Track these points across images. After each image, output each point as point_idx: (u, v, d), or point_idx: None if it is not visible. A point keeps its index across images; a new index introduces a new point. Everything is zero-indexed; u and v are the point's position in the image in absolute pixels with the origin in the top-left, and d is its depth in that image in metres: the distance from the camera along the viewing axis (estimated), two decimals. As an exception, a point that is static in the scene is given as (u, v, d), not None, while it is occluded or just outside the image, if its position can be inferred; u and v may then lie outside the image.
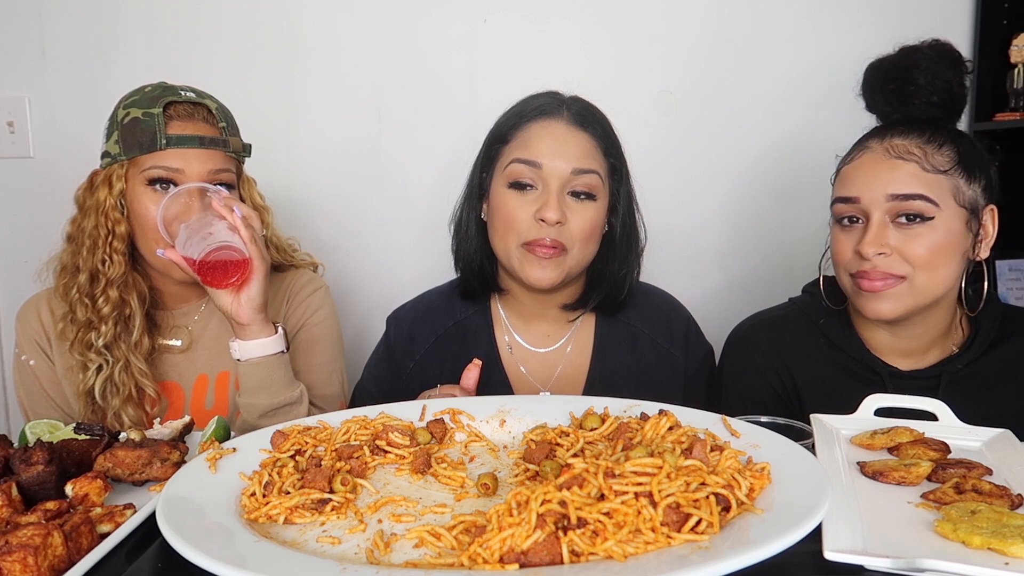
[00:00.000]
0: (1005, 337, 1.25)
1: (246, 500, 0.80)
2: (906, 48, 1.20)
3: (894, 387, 1.24)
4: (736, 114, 2.02)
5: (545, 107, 1.29)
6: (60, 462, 0.86)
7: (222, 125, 1.36)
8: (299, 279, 1.52)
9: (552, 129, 1.27)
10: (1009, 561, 0.64)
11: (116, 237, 1.34)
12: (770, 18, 1.99)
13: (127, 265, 1.36)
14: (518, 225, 1.26)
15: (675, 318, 1.44)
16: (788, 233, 2.03)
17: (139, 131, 1.30)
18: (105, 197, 1.33)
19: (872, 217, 1.16)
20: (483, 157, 1.36)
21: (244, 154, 1.42)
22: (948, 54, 1.19)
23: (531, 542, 0.63)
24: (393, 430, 0.97)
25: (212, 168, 1.32)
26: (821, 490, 0.70)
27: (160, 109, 1.30)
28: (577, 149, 1.26)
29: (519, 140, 1.28)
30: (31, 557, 0.65)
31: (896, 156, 1.16)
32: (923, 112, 1.20)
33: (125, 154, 1.32)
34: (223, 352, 1.44)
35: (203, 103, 1.36)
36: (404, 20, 2.03)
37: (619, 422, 0.94)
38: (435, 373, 1.35)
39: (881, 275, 1.16)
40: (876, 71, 1.23)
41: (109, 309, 1.34)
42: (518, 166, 1.26)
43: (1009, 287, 1.95)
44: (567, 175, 1.25)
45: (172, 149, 1.30)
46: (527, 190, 1.26)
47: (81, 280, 1.35)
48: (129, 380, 1.35)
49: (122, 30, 2.06)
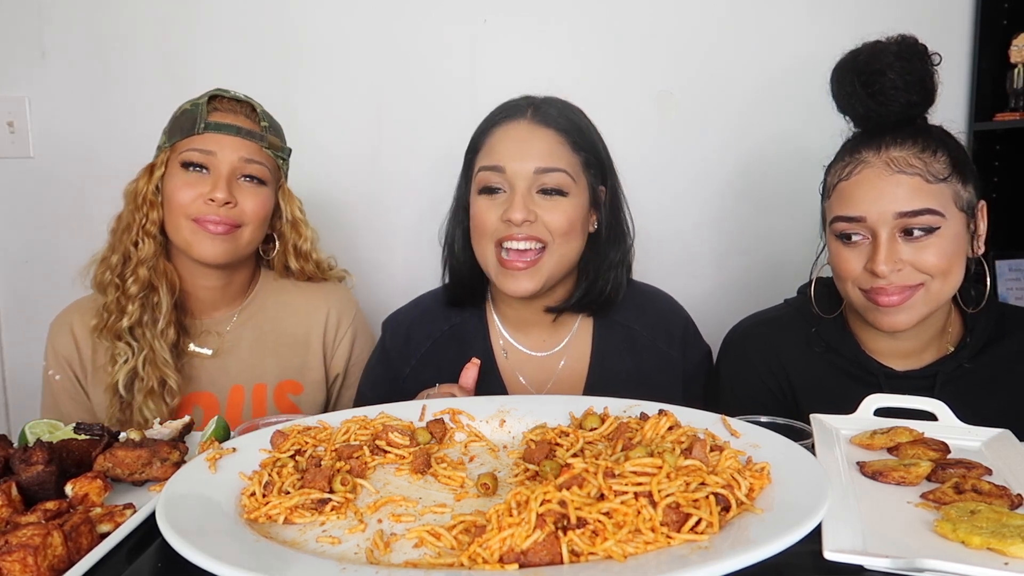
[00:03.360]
0: (1001, 336, 1.25)
1: (246, 500, 0.80)
2: (874, 47, 1.18)
3: (889, 387, 1.24)
4: (734, 114, 2.02)
5: (509, 110, 1.30)
6: (60, 462, 0.86)
7: (264, 124, 1.41)
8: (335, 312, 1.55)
9: (514, 131, 1.27)
10: (1009, 561, 0.64)
11: (149, 220, 1.39)
12: (767, 17, 1.99)
13: (158, 249, 1.40)
14: (488, 227, 1.27)
15: (673, 319, 1.43)
16: (786, 233, 2.03)
17: (184, 118, 1.38)
18: (144, 185, 1.39)
19: (880, 235, 1.14)
20: (463, 169, 1.36)
21: (282, 155, 1.46)
22: (915, 48, 1.17)
23: (531, 542, 0.63)
24: (393, 430, 0.97)
25: (244, 155, 1.38)
26: (821, 490, 0.70)
27: (205, 100, 1.39)
28: (540, 148, 1.26)
29: (486, 147, 1.30)
30: (31, 557, 0.65)
31: (898, 170, 1.14)
32: (901, 110, 1.18)
33: (168, 141, 1.39)
34: (258, 363, 1.48)
35: (248, 102, 1.43)
36: (404, 21, 2.03)
37: (619, 422, 0.94)
38: (432, 377, 1.34)
39: (898, 289, 1.15)
40: (848, 72, 1.20)
41: (136, 289, 1.37)
42: (485, 173, 1.27)
43: (1009, 287, 1.95)
44: (531, 175, 1.25)
45: (209, 134, 1.36)
46: (496, 194, 1.27)
47: (113, 261, 1.39)
48: (153, 372, 1.37)
49: (122, 30, 2.06)
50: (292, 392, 1.51)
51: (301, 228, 1.51)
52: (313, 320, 1.53)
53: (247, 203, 1.39)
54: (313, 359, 1.53)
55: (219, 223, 1.36)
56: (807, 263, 1.35)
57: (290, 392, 1.51)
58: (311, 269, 1.54)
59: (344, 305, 1.56)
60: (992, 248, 1.23)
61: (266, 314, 1.52)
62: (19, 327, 2.21)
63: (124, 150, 2.08)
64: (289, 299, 1.53)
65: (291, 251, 1.51)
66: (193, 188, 1.36)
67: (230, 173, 1.37)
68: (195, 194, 1.36)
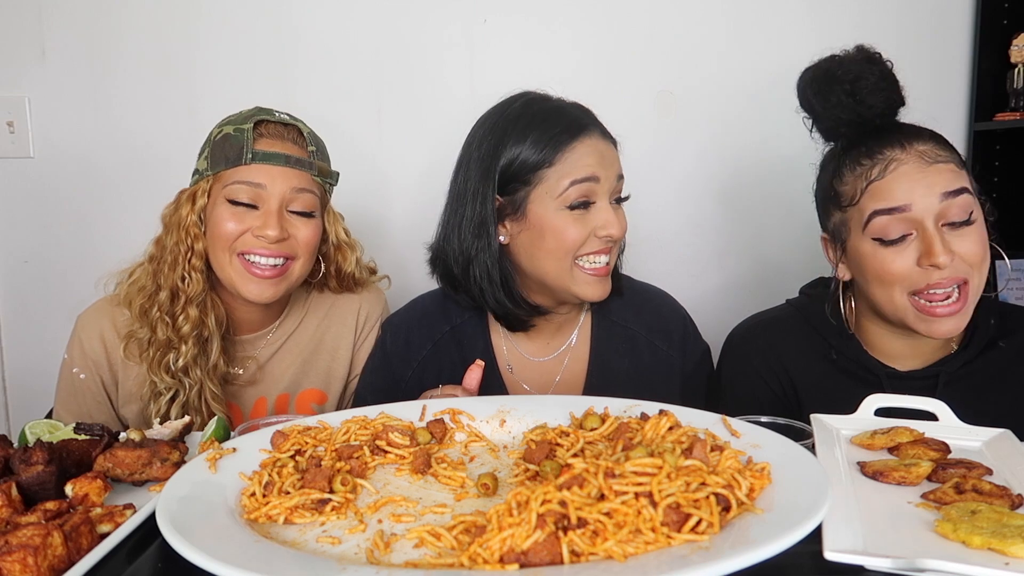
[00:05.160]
0: (1002, 336, 1.25)
1: (246, 500, 0.80)
2: (842, 58, 1.20)
3: (891, 387, 1.24)
4: (734, 114, 2.02)
5: (580, 123, 1.26)
6: (60, 462, 0.86)
7: (311, 149, 1.36)
8: (365, 309, 1.54)
9: (594, 145, 1.26)
10: (1009, 561, 0.64)
11: (195, 254, 1.33)
12: (768, 18, 1.99)
13: (205, 283, 1.35)
14: (577, 243, 1.24)
15: (671, 317, 1.43)
16: (785, 233, 2.03)
17: (228, 146, 1.30)
18: (187, 213, 1.33)
19: (927, 226, 1.14)
20: (500, 183, 1.27)
21: (331, 180, 1.41)
22: (873, 53, 1.20)
23: (531, 542, 0.63)
24: (393, 430, 0.97)
25: (295, 186, 1.32)
26: (821, 490, 0.70)
27: (251, 125, 1.31)
28: (614, 159, 1.29)
29: (569, 161, 1.24)
30: (31, 557, 0.65)
31: (933, 160, 1.15)
32: (883, 111, 1.20)
33: (212, 169, 1.32)
34: (282, 375, 1.46)
35: (295, 125, 1.36)
36: (404, 20, 2.03)
37: (619, 422, 0.94)
38: (433, 379, 1.34)
39: (951, 281, 1.14)
40: (828, 81, 1.20)
41: (189, 328, 1.32)
42: (582, 186, 1.23)
43: (1009, 287, 1.95)
44: (614, 184, 1.27)
45: (257, 164, 1.29)
46: (589, 208, 1.25)
47: (162, 298, 1.33)
48: (203, 406, 1.34)
49: (122, 30, 2.06)
50: (316, 402, 1.49)
51: (346, 251, 1.47)
52: (344, 326, 1.51)
53: (299, 234, 1.33)
54: (339, 367, 1.51)
55: (268, 256, 1.31)
56: (807, 263, 1.35)
57: (314, 402, 1.49)
58: (350, 284, 1.52)
59: (373, 305, 1.54)
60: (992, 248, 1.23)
61: (299, 329, 1.49)
62: (19, 327, 2.21)
63: (124, 150, 2.09)
64: (320, 310, 1.51)
65: (333, 273, 1.48)
66: (241, 222, 1.30)
67: (280, 206, 1.31)
68: (242, 228, 1.30)
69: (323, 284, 1.51)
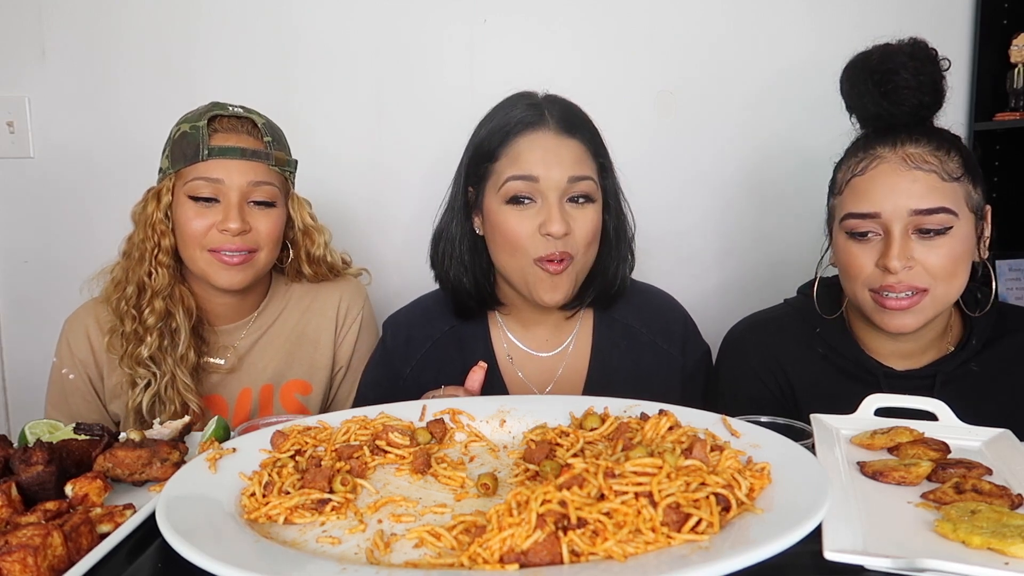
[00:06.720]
0: (1001, 336, 1.25)
1: (246, 500, 0.80)
2: (887, 48, 1.18)
3: (889, 387, 1.24)
4: (734, 114, 2.02)
5: (528, 118, 1.26)
6: (60, 462, 0.86)
7: (267, 139, 1.38)
8: (346, 301, 1.56)
9: (541, 140, 1.25)
10: (1009, 561, 0.64)
11: (162, 250, 1.37)
12: (768, 18, 1.98)
13: (173, 277, 1.39)
14: (524, 241, 1.24)
15: (672, 317, 1.44)
16: (786, 233, 2.03)
17: (185, 143, 1.34)
18: (153, 211, 1.37)
19: (893, 231, 1.14)
20: (469, 173, 1.32)
21: (289, 168, 1.43)
22: (927, 51, 1.17)
23: (531, 542, 0.63)
24: (393, 430, 0.97)
25: (253, 179, 1.35)
26: (821, 490, 0.70)
27: (205, 122, 1.34)
28: (569, 156, 1.25)
29: (509, 156, 1.25)
30: (31, 557, 0.65)
31: (914, 166, 1.14)
32: (912, 111, 1.18)
33: (172, 167, 1.36)
34: (266, 366, 1.48)
35: (249, 117, 1.39)
36: (404, 20, 2.03)
37: (619, 422, 0.94)
38: (432, 377, 1.34)
39: (906, 287, 1.14)
40: (861, 71, 1.19)
41: (154, 320, 1.36)
42: (514, 183, 1.24)
43: (1009, 287, 1.96)
44: (563, 184, 1.23)
45: (214, 160, 1.33)
46: (526, 203, 1.24)
47: (128, 292, 1.38)
48: (175, 396, 1.37)
49: (122, 30, 2.06)
50: (300, 392, 1.51)
51: (313, 235, 1.50)
52: (324, 318, 1.54)
53: (260, 225, 1.37)
54: (322, 358, 1.54)
55: (235, 251, 1.35)
56: (807, 263, 1.35)
57: (298, 392, 1.51)
58: (324, 272, 1.54)
59: (353, 297, 1.57)
60: (992, 248, 1.23)
61: (280, 320, 1.52)
62: (19, 327, 2.21)
63: (124, 150, 2.09)
64: (302, 302, 1.54)
65: (303, 258, 1.51)
66: (205, 218, 1.34)
67: (240, 198, 1.35)
68: (207, 224, 1.34)
69: (299, 273, 1.53)
